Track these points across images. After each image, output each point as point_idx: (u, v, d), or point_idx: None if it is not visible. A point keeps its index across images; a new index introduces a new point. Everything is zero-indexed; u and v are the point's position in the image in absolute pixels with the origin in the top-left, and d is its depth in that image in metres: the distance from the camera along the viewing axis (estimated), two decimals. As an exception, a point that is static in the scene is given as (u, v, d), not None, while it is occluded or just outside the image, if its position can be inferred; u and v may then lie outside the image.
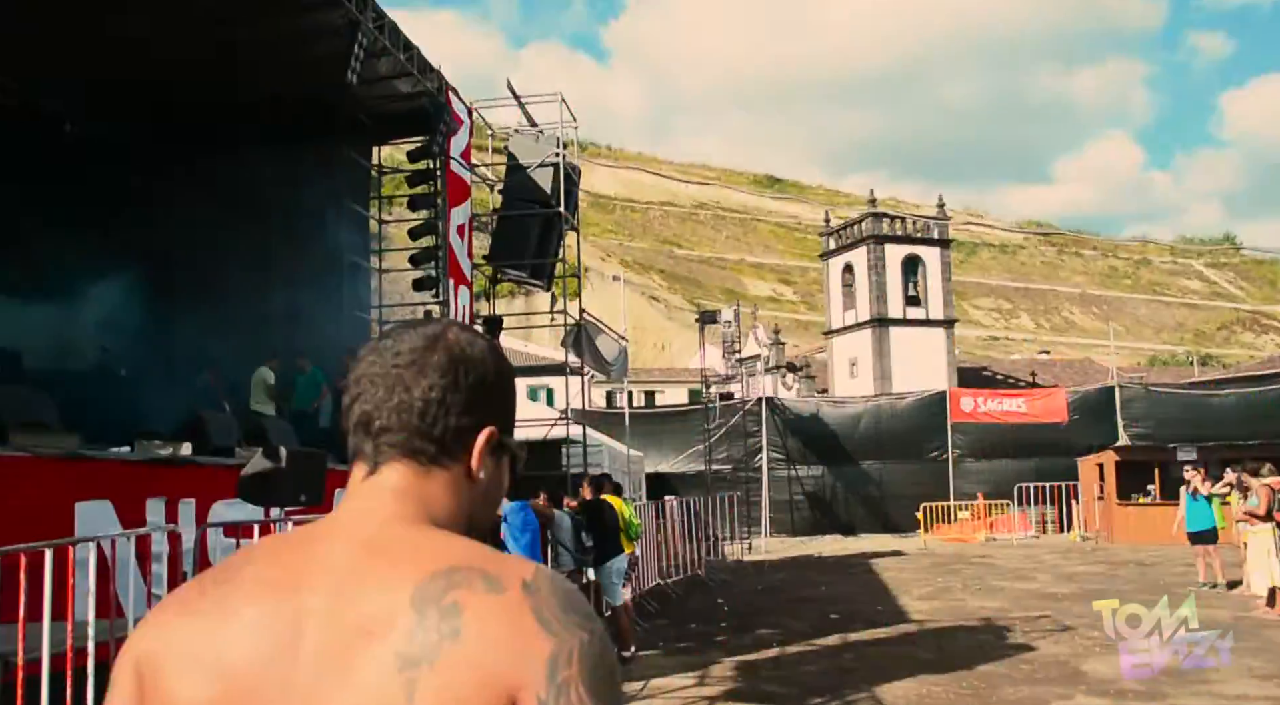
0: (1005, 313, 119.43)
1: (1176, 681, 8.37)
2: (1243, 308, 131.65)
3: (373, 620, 1.01)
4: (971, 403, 27.66)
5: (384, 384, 1.16)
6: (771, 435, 26.97)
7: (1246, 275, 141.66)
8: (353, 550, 1.07)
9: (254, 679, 1.03)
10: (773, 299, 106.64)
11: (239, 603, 1.06)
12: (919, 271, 45.89)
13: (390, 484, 1.14)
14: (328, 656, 1.02)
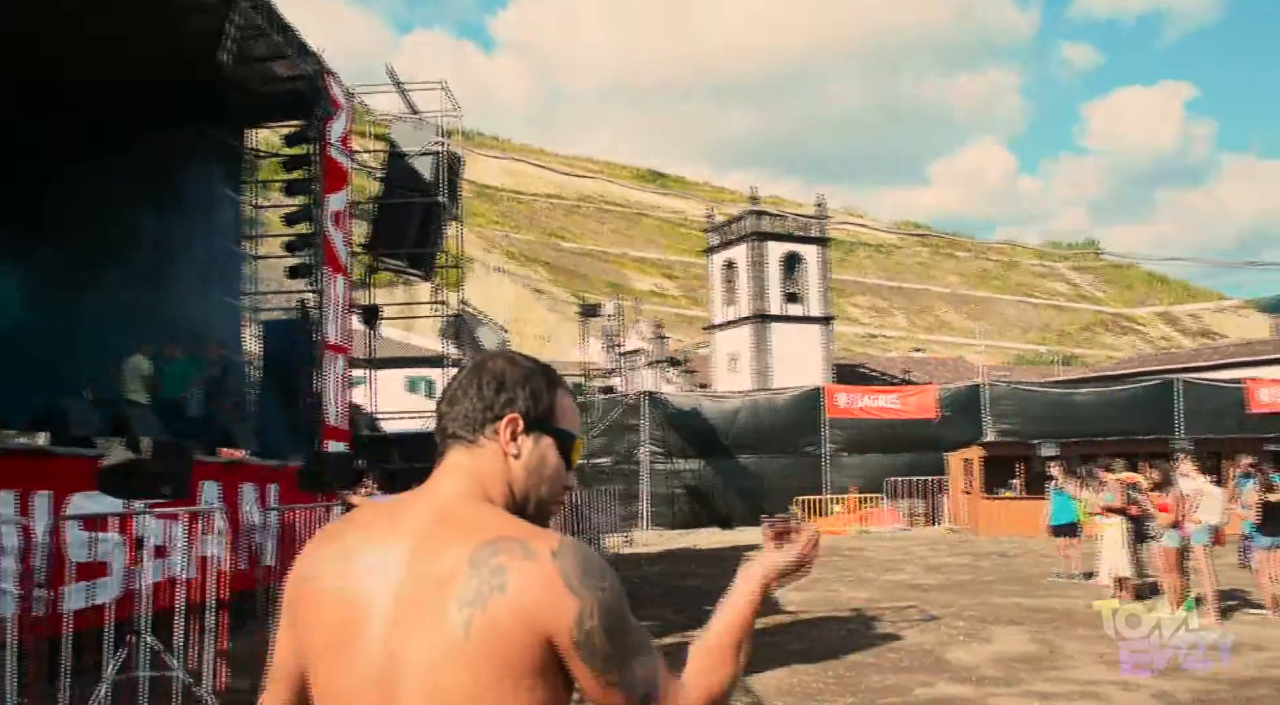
0: (881, 311, 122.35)
1: (1032, 668, 8.71)
2: (1104, 310, 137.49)
3: (441, 573, 1.43)
4: (847, 399, 28.27)
5: (447, 398, 1.65)
6: (652, 429, 27.14)
7: (1108, 279, 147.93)
8: (430, 518, 1.51)
9: (363, 606, 1.46)
10: (656, 293, 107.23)
11: (356, 550, 1.51)
12: (799, 269, 46.68)
13: (450, 462, 1.61)
14: (410, 596, 1.44)
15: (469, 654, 1.39)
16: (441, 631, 1.40)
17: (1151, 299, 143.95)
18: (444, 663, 1.40)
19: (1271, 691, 7.70)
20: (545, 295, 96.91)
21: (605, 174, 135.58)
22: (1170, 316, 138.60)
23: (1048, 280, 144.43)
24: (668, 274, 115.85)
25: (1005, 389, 29.50)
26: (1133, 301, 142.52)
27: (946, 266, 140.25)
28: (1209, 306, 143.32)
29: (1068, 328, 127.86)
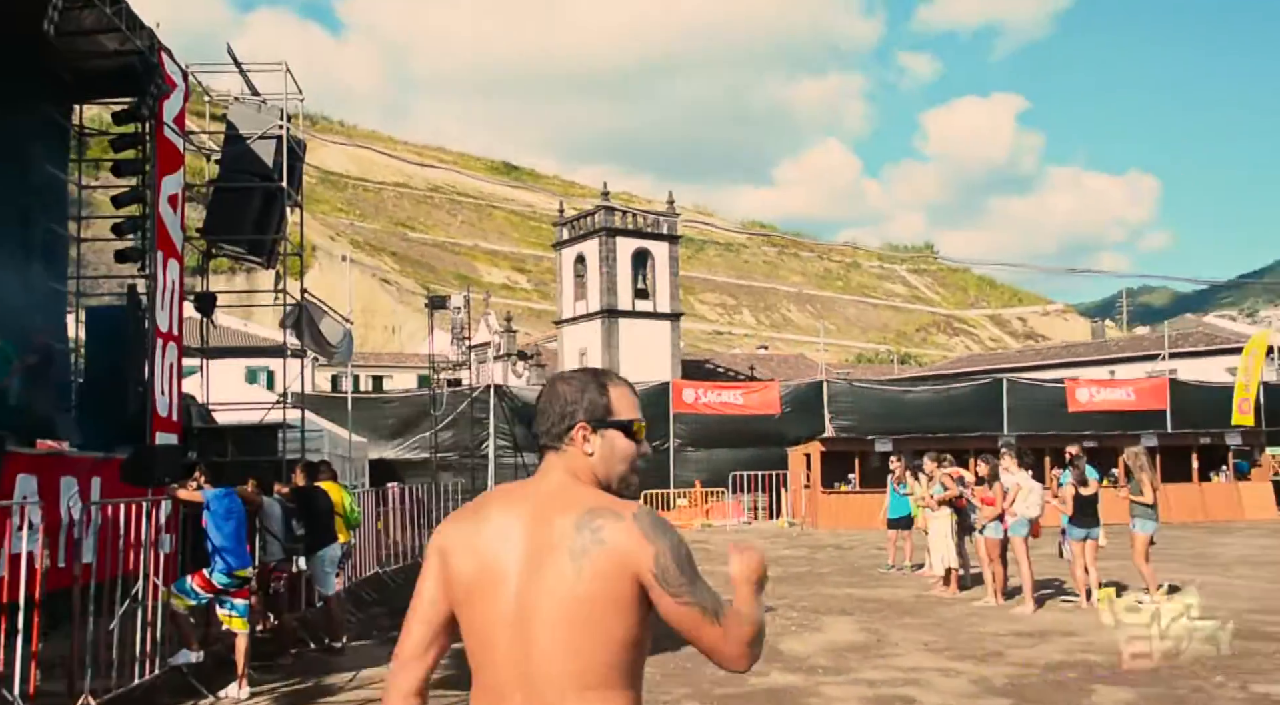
0: (729, 308, 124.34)
1: (861, 657, 9.02)
2: (939, 312, 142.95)
3: (554, 536, 1.97)
4: (693, 394, 28.67)
5: (544, 406, 2.17)
6: (500, 422, 26.97)
7: (943, 282, 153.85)
8: (542, 495, 2.07)
9: (492, 562, 2.00)
10: (506, 286, 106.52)
11: (488, 518, 2.06)
12: (648, 265, 47.08)
13: (548, 463, 2.15)
14: (532, 553, 1.98)
15: (582, 591, 1.94)
16: (561, 577, 1.94)
17: (983, 302, 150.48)
18: (566, 599, 1.94)
19: (1080, 674, 8.16)
20: (393, 286, 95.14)
21: (457, 165, 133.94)
22: (1000, 319, 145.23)
23: (887, 282, 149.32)
24: (519, 267, 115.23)
25: (844, 386, 30.39)
26: (965, 304, 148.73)
27: (792, 266, 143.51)
28: (1035, 310, 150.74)
29: (905, 328, 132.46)
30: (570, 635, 1.93)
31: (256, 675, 8.32)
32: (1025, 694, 7.58)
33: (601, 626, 1.93)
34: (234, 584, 8.00)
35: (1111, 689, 7.66)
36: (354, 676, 8.58)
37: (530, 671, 1.94)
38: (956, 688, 7.83)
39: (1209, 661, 8.48)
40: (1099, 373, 44.09)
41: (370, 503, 14.88)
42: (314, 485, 10.24)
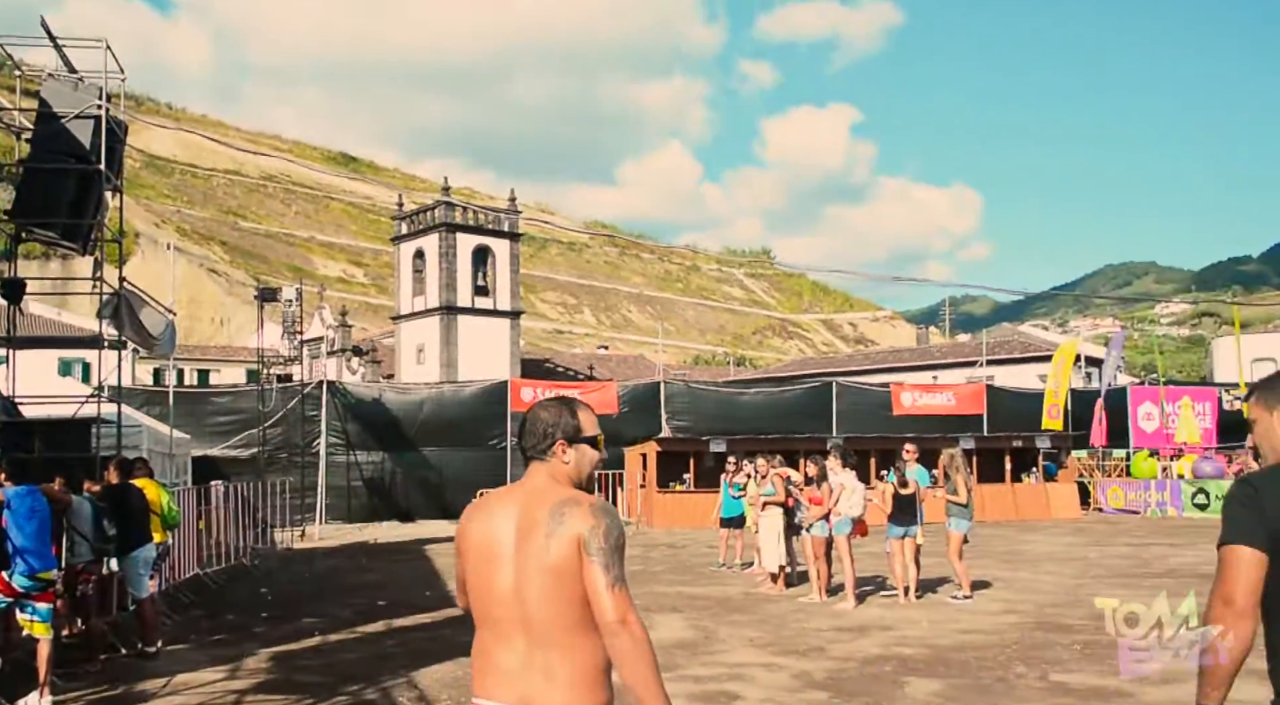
0: (570, 308, 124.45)
1: (689, 654, 9.16)
2: (774, 316, 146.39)
3: (536, 521, 2.68)
4: (531, 393, 28.53)
5: (529, 428, 2.87)
6: (331, 419, 26.29)
7: (779, 287, 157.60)
8: (530, 493, 2.79)
9: (494, 543, 2.74)
10: (343, 280, 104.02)
11: (491, 513, 2.81)
12: (489, 262, 46.74)
13: (535, 468, 2.85)
14: (521, 535, 2.70)
15: (550, 561, 2.66)
16: (540, 551, 2.68)
17: (816, 307, 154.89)
18: (543, 567, 2.67)
19: (896, 667, 8.49)
20: (221, 276, 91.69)
21: (292, 154, 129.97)
22: (832, 324, 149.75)
23: (725, 285, 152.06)
24: (356, 261, 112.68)
25: (681, 387, 30.81)
26: (800, 309, 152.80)
27: (633, 267, 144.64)
28: (866, 316, 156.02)
29: (742, 331, 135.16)
30: (548, 593, 2.67)
31: (61, 683, 7.90)
32: (843, 687, 7.84)
33: (567, 586, 2.66)
34: (36, 587, 7.57)
35: (923, 680, 7.99)
36: (167, 682, 8.23)
37: (527, 617, 2.69)
38: (778, 682, 8.03)
39: (1012, 652, 8.95)
40: (923, 377, 45.94)
41: (191, 501, 14.32)
42: (128, 483, 9.78)
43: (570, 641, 2.65)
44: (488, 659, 2.77)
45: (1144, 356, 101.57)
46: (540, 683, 2.65)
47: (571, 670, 2.65)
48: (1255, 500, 2.58)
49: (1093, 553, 17.84)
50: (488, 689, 2.75)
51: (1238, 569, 2.51)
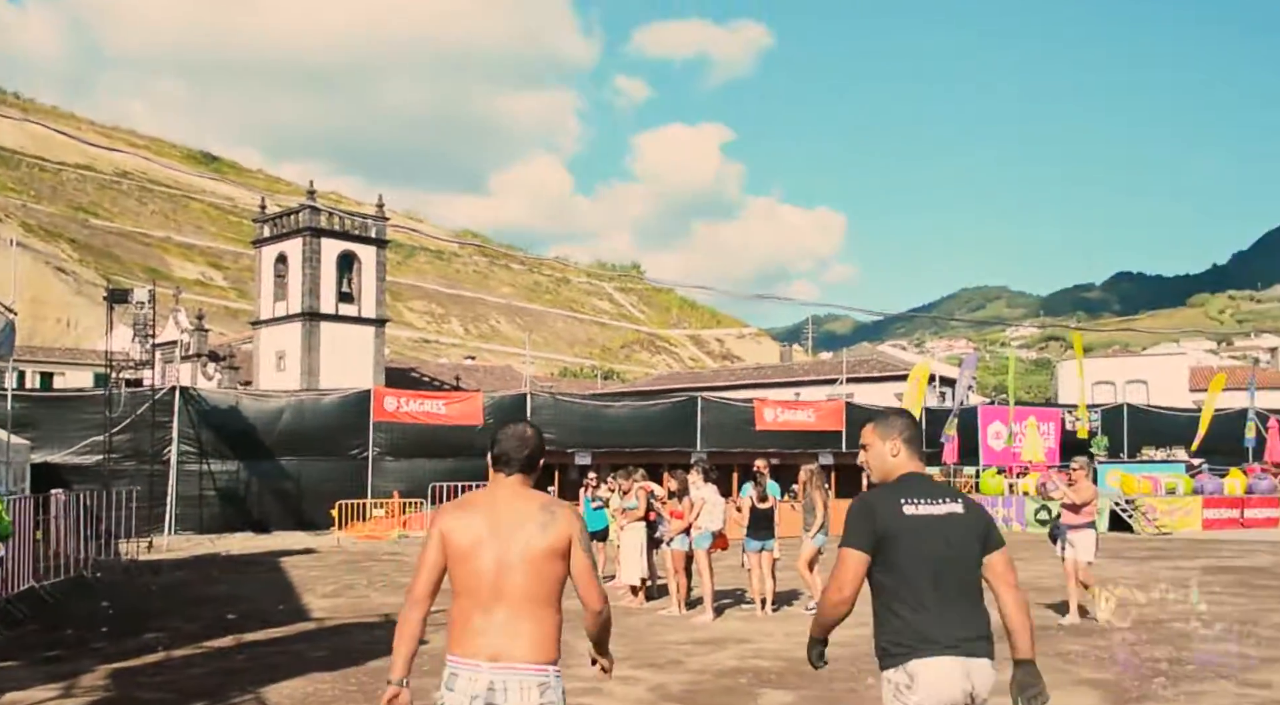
0: (438, 317, 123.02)
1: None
2: (642, 330, 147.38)
3: (525, 514, 3.45)
4: (395, 402, 28.10)
5: (515, 443, 3.60)
6: (184, 427, 25.37)
7: (648, 301, 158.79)
8: (509, 496, 3.53)
9: (479, 534, 3.42)
10: (201, 283, 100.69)
11: (474, 510, 3.51)
12: (354, 269, 45.88)
13: (516, 478, 3.58)
14: (509, 526, 3.42)
15: (544, 548, 3.40)
16: (531, 539, 3.39)
17: (684, 322, 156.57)
18: (534, 552, 3.38)
19: (751, 680, 8.63)
20: (70, 275, 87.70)
21: (150, 150, 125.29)
22: (700, 339, 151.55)
23: (595, 298, 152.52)
24: (215, 263, 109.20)
25: (548, 399, 30.75)
26: (668, 323, 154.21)
27: (502, 278, 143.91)
28: (732, 332, 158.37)
29: (610, 344, 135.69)
30: (532, 572, 3.40)
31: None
32: (698, 699, 7.94)
33: (549, 568, 3.43)
34: None
35: (777, 692, 8.15)
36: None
37: (504, 592, 3.38)
38: (634, 695, 8.09)
39: (863, 664, 9.20)
40: (786, 394, 46.87)
41: (28, 510, 13.63)
42: (-41, 491, 9.27)
43: (537, 612, 3.40)
44: (467, 624, 3.42)
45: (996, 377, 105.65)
46: (509, 642, 3.36)
47: (534, 633, 3.39)
48: (868, 512, 3.60)
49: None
50: (465, 647, 3.40)
51: (846, 564, 3.59)
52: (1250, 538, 26.11)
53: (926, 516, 3.58)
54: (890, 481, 3.74)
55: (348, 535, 24.21)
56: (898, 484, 3.71)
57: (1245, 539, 25.64)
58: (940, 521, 3.58)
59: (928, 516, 3.58)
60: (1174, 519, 28.15)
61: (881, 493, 3.69)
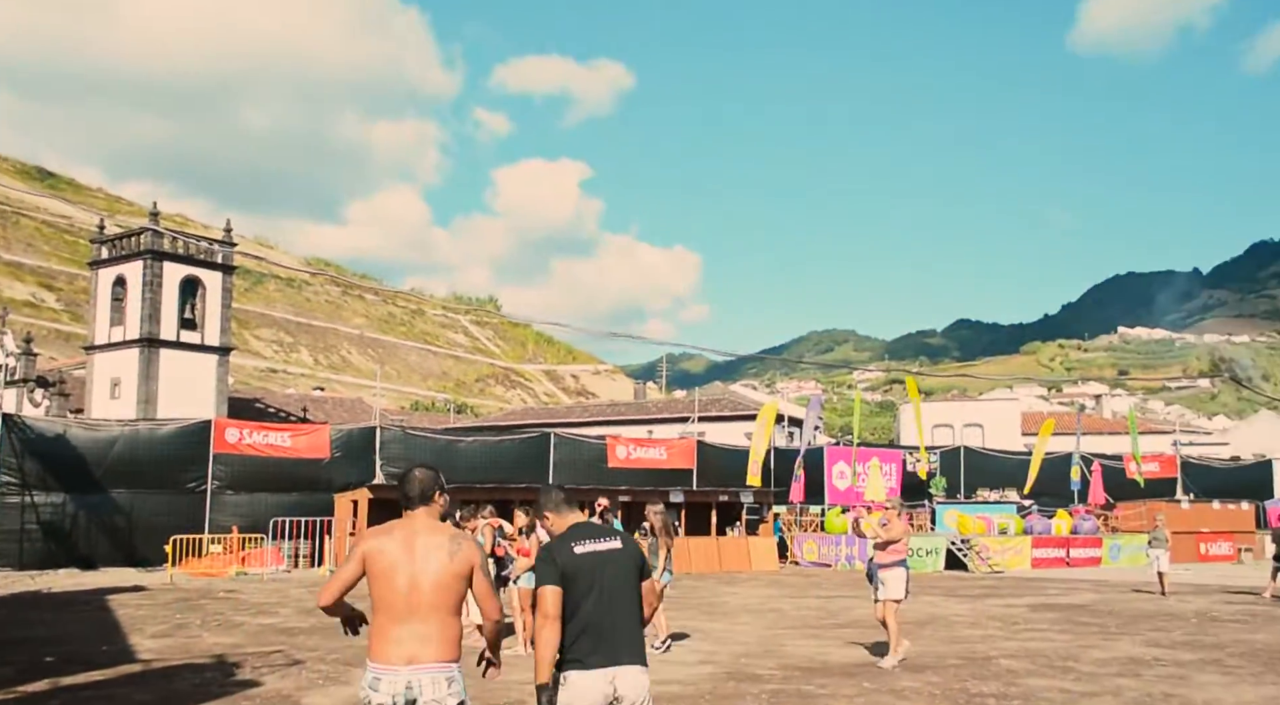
0: (286, 346, 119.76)
1: None
2: (498, 364, 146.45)
3: (435, 543, 4.30)
4: (237, 434, 27.19)
5: (411, 485, 4.48)
6: (6, 456, 23.98)
7: (504, 335, 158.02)
8: (423, 525, 4.39)
9: (397, 557, 4.25)
10: (31, 304, 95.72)
11: (393, 536, 4.33)
12: (199, 294, 44.35)
13: (423, 510, 4.44)
14: (422, 552, 4.26)
15: (453, 570, 4.23)
16: (442, 563, 4.22)
17: (540, 357, 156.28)
18: (444, 574, 4.21)
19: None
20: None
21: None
22: (555, 375, 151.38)
23: (450, 331, 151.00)
24: (47, 284, 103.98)
25: (398, 433, 30.21)
26: (524, 358, 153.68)
27: (355, 308, 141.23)
28: (588, 368, 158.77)
29: (465, 378, 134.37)
30: (440, 591, 4.20)
31: None
32: (541, 740, 7.87)
33: (455, 586, 4.24)
34: None
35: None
36: None
37: (417, 607, 4.17)
38: (477, 737, 7.96)
39: (705, 702, 9.28)
40: (639, 431, 47.14)
41: None
42: None
43: (444, 621, 4.22)
44: (385, 636, 4.18)
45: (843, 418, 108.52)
46: (421, 647, 4.15)
47: (441, 638, 4.19)
48: (551, 556, 4.58)
49: (786, 605, 18.80)
50: (385, 655, 4.16)
51: (546, 599, 4.49)
52: (1075, 576, 27.43)
53: (594, 553, 4.62)
54: (563, 531, 4.78)
55: (182, 572, 23.24)
56: (569, 532, 4.75)
57: (1070, 577, 26.92)
58: (605, 555, 4.65)
59: (595, 553, 4.63)
60: (1005, 558, 29.35)
61: (558, 540, 4.70)
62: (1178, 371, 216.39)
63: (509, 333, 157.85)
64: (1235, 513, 37.04)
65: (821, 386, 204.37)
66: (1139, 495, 36.07)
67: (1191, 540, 33.82)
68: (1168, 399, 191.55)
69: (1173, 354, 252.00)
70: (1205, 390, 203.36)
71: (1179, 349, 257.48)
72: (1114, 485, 36.61)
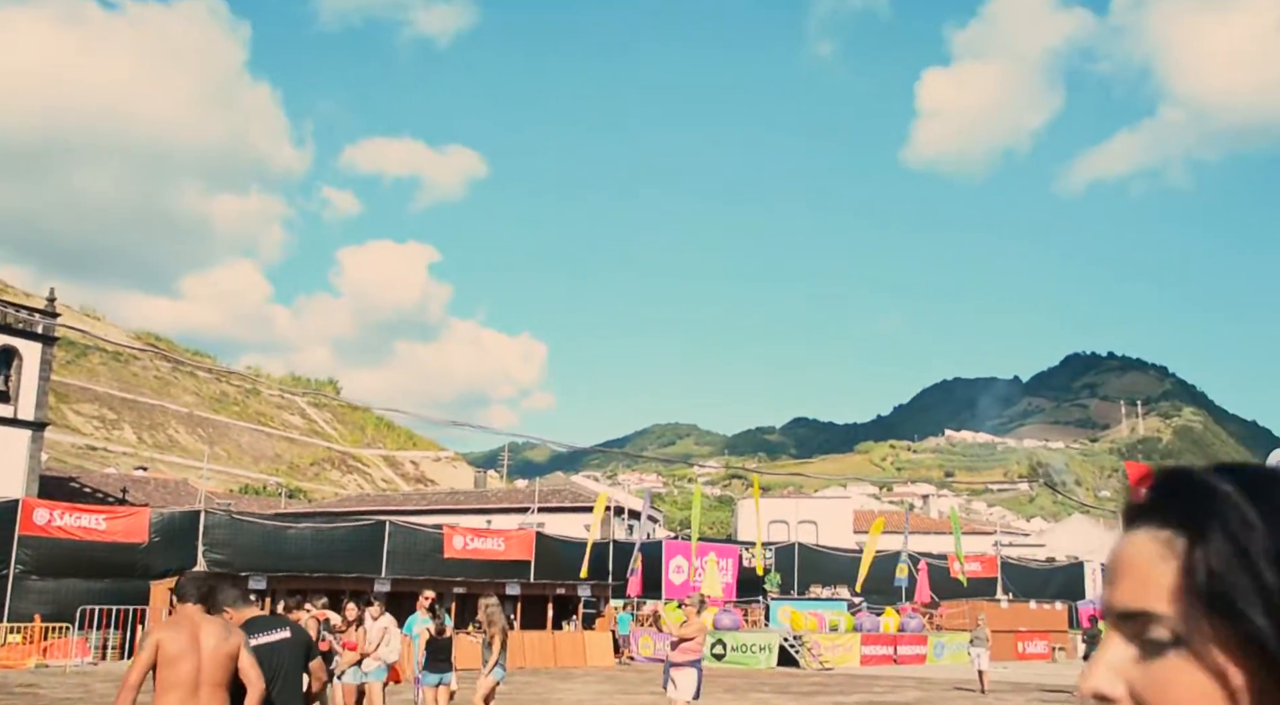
0: (109, 423, 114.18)
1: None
2: (335, 448, 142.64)
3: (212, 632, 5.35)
4: (47, 515, 25.65)
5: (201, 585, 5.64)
6: None
7: (342, 418, 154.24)
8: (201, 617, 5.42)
9: (186, 645, 5.24)
10: None
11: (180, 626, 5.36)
12: (14, 365, 42.01)
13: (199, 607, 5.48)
14: (204, 640, 5.29)
15: (227, 654, 5.27)
16: (217, 650, 5.25)
17: (379, 442, 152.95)
18: (220, 659, 5.24)
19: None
20: None
21: None
22: (394, 461, 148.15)
23: (286, 412, 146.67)
24: None
25: (224, 518, 29.03)
26: (362, 443, 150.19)
27: (186, 385, 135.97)
28: (428, 455, 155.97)
29: (299, 461, 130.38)
30: (219, 671, 5.13)
31: None
32: None
33: (228, 666, 5.16)
34: None
35: None
36: None
37: (199, 685, 5.07)
38: None
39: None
40: (478, 521, 46.46)
41: None
42: None
43: (220, 695, 5.16)
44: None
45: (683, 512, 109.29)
46: None
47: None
48: None
49: (619, 701, 18.64)
50: None
51: None
52: (901, 673, 28.08)
53: (267, 644, 5.78)
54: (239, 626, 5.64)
55: (-26, 664, 21.59)
56: (245, 625, 5.71)
57: (897, 675, 27.54)
58: (276, 645, 5.81)
59: (268, 643, 5.78)
60: (836, 655, 29.87)
61: None
62: (999, 474, 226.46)
63: (348, 416, 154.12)
64: (1050, 612, 38.68)
65: (663, 479, 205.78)
66: (962, 594, 37.33)
67: (1010, 639, 35.08)
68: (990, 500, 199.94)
69: (995, 457, 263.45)
70: (1024, 493, 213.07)
71: (1000, 453, 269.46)
72: (939, 584, 37.82)
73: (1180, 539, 1.02)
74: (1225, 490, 1.03)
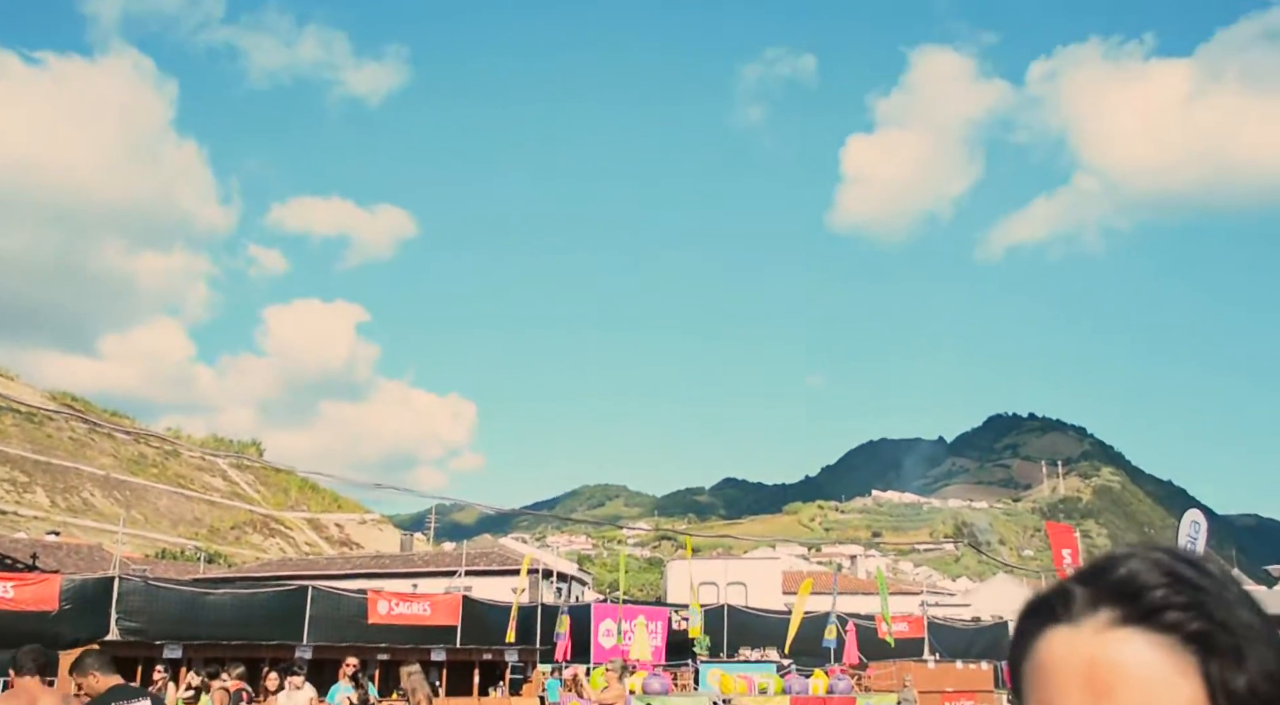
0: (20, 485, 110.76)
1: None
2: (257, 511, 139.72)
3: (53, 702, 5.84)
4: (-49, 583, 24.71)
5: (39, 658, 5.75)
6: None
7: (265, 481, 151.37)
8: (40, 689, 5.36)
9: None
10: None
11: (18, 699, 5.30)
12: (-77, 428, 40.69)
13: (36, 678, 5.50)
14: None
15: None
16: None
17: (303, 505, 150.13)
18: None
19: None
20: None
21: None
22: (318, 524, 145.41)
23: (207, 474, 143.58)
24: None
25: (139, 584, 28.16)
26: (286, 505, 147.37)
27: (103, 446, 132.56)
28: (354, 517, 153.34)
29: (220, 524, 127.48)
30: None
31: None
32: None
33: None
34: None
35: None
36: None
37: None
38: None
39: None
40: (404, 585, 45.65)
41: None
42: None
43: None
44: None
45: (612, 574, 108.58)
46: None
47: None
48: None
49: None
50: None
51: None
52: (829, 736, 28.01)
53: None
54: (102, 693, 5.59)
55: None
56: (107, 694, 5.61)
57: (825, 737, 27.46)
58: None
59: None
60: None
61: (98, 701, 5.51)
62: (925, 534, 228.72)
63: (271, 478, 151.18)
64: (976, 672, 38.96)
65: (592, 541, 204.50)
66: (889, 655, 37.47)
67: (937, 699, 35.23)
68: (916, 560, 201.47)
69: (921, 517, 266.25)
70: (950, 553, 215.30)
71: (926, 513, 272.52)
72: (867, 644, 37.92)
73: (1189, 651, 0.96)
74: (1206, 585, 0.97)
